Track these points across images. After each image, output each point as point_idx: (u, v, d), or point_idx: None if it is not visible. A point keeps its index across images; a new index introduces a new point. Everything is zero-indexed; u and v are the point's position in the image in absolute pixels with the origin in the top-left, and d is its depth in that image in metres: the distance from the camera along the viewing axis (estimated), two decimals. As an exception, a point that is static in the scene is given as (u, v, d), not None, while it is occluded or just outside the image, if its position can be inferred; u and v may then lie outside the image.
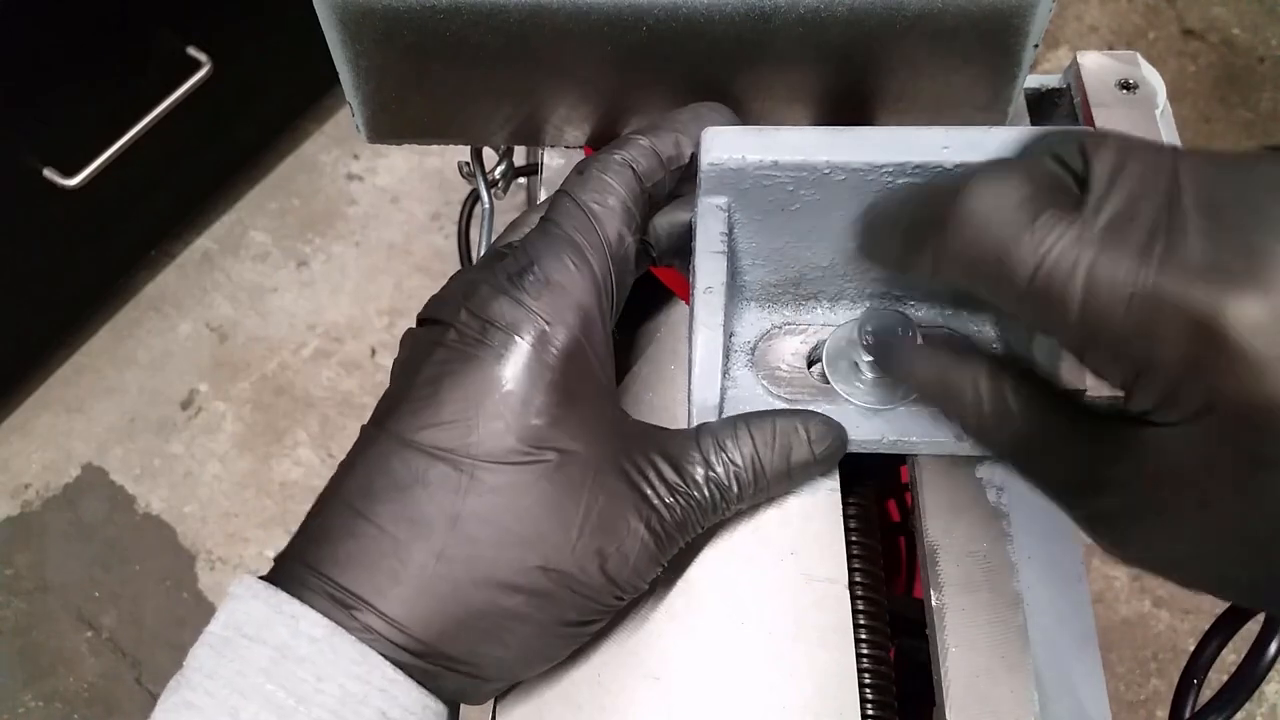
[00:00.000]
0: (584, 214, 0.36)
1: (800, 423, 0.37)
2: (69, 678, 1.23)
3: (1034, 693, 0.35)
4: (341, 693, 0.30)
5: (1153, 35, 1.66)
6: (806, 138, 0.36)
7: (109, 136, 1.19)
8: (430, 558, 0.32)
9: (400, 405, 0.34)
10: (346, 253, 1.49)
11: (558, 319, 0.34)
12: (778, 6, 0.37)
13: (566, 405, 0.34)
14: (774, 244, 0.39)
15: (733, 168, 0.36)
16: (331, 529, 0.33)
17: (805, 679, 0.36)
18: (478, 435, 0.33)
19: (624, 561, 0.33)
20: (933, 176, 0.36)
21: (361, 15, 0.37)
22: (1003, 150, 0.35)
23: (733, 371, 0.40)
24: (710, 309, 0.38)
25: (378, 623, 0.31)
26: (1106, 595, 1.25)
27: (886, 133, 0.36)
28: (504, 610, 0.32)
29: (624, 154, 0.37)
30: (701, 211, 0.37)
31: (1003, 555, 0.38)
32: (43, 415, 1.38)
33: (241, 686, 0.30)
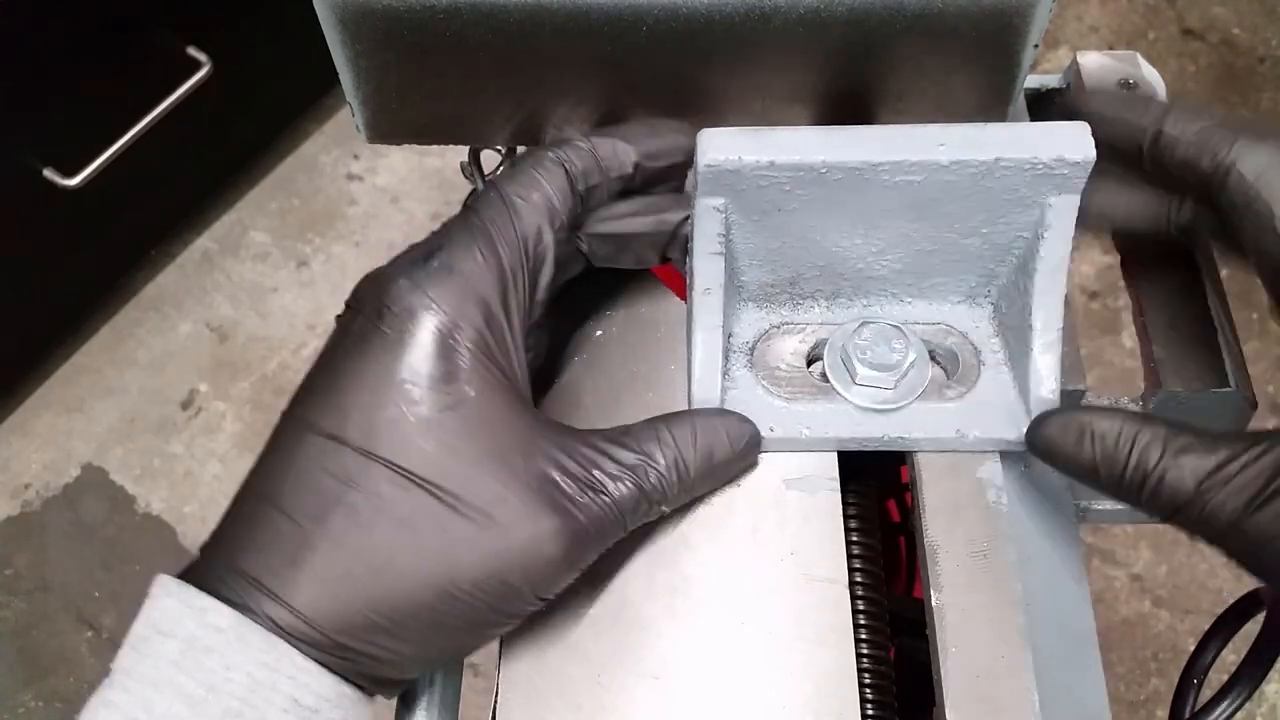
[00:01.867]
0: (503, 205, 0.35)
1: (719, 421, 0.37)
2: (69, 678, 1.23)
3: (1034, 693, 0.35)
4: (250, 681, 0.30)
5: (1153, 35, 1.66)
6: (802, 137, 0.36)
7: (109, 136, 1.19)
8: (328, 545, 0.31)
9: (307, 393, 0.34)
10: (346, 253, 1.49)
11: (456, 309, 0.33)
12: (778, 6, 0.37)
13: (468, 397, 0.33)
14: (771, 244, 0.39)
15: (729, 169, 0.36)
16: (240, 516, 0.33)
17: (805, 679, 0.36)
18: (371, 423, 0.32)
19: (528, 565, 0.32)
20: (929, 174, 0.36)
21: (361, 15, 0.37)
22: (1001, 149, 0.35)
23: (732, 372, 0.40)
24: (709, 310, 0.38)
25: (278, 610, 0.31)
26: (1106, 595, 1.25)
27: (882, 131, 0.36)
28: (399, 606, 0.32)
29: (559, 153, 0.37)
30: (699, 213, 0.38)
31: (1003, 555, 0.38)
32: (43, 415, 1.38)
33: (155, 680, 0.30)
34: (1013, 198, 0.37)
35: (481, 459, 0.33)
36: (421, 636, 0.32)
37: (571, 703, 0.36)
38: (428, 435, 0.32)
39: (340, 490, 0.32)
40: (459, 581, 0.32)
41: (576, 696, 0.36)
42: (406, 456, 0.32)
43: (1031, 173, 0.36)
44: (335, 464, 0.32)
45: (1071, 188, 0.37)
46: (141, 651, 0.31)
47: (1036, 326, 0.38)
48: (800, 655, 0.36)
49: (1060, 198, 0.37)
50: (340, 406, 0.33)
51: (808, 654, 0.36)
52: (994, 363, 0.40)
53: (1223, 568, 1.25)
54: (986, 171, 0.36)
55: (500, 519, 0.32)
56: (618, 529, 0.35)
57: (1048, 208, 0.37)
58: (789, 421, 0.39)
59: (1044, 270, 0.38)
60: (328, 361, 0.34)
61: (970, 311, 0.42)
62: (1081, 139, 0.36)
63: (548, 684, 0.36)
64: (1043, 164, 0.36)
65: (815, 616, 0.37)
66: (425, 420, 0.33)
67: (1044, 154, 0.36)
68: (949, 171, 0.36)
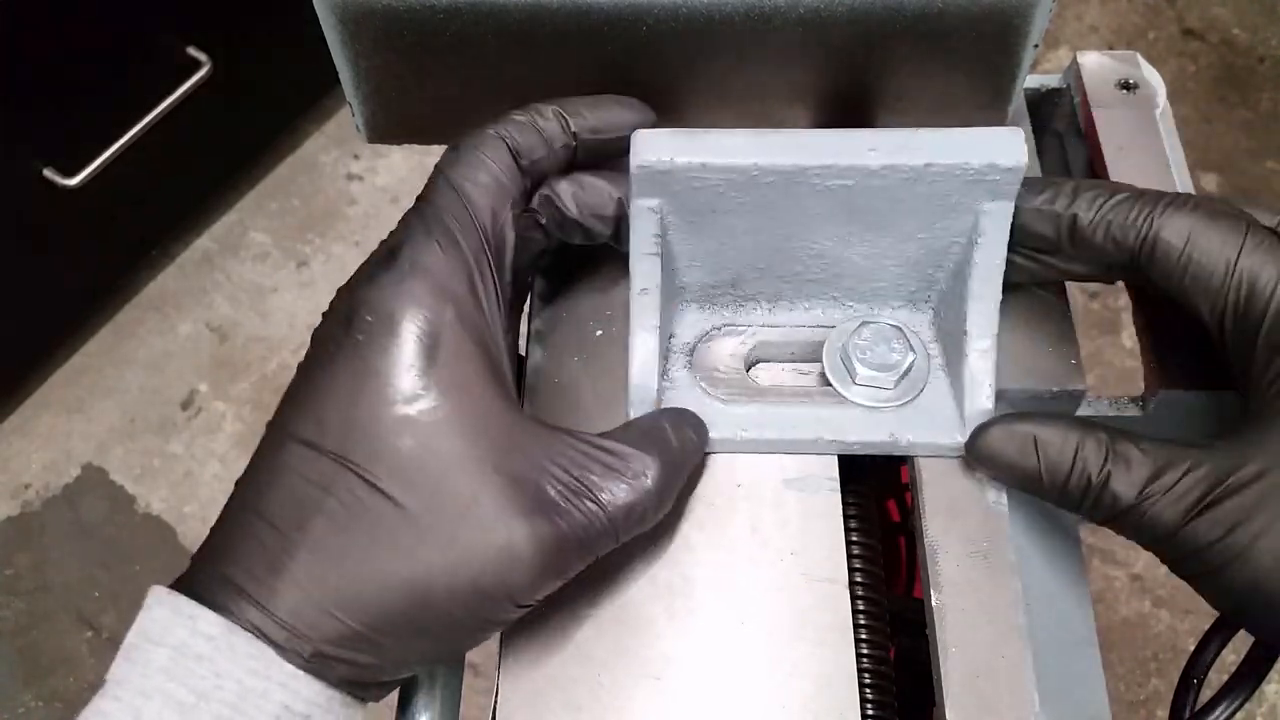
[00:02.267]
0: (454, 193, 0.35)
1: (681, 418, 0.37)
2: (69, 678, 1.23)
3: (1034, 693, 0.35)
4: (240, 688, 0.30)
5: (1153, 35, 1.66)
6: (734, 140, 0.36)
7: (109, 136, 1.19)
8: (307, 552, 0.31)
9: (285, 400, 0.34)
10: (346, 253, 1.49)
11: (425, 305, 0.33)
12: (778, 6, 0.37)
13: (444, 397, 0.32)
14: (708, 245, 0.39)
15: (661, 170, 0.36)
16: (226, 524, 0.33)
17: (805, 679, 0.36)
18: (346, 428, 0.32)
19: (503, 572, 0.32)
20: (860, 179, 0.36)
21: (361, 15, 0.37)
22: (932, 154, 0.35)
23: (671, 372, 0.40)
24: (646, 310, 0.38)
25: (262, 618, 0.31)
26: (1106, 595, 1.25)
27: (814, 136, 0.36)
28: (376, 613, 0.31)
29: (498, 129, 0.36)
30: (634, 213, 0.38)
31: (1003, 555, 0.38)
32: (43, 415, 1.38)
33: (145, 688, 0.30)
34: (945, 203, 0.37)
35: (457, 460, 0.32)
36: (401, 643, 0.32)
37: (571, 703, 0.36)
38: (402, 436, 0.32)
39: (319, 497, 0.32)
40: (434, 588, 0.31)
41: (576, 696, 0.36)
42: (380, 460, 0.32)
43: (963, 178, 0.36)
44: (313, 470, 0.32)
45: (1004, 194, 0.37)
46: (133, 660, 0.31)
47: (971, 332, 0.38)
48: (800, 655, 0.36)
49: (993, 203, 0.37)
50: (316, 413, 0.33)
51: (808, 654, 0.36)
52: (933, 368, 0.40)
53: (1223, 568, 1.25)
54: (917, 177, 0.36)
55: (474, 524, 0.32)
56: (608, 538, 0.34)
57: (981, 213, 0.37)
58: (726, 423, 0.39)
59: (978, 276, 0.38)
60: (305, 371, 0.34)
61: (912, 316, 0.41)
62: (1013, 144, 0.36)
63: (548, 684, 0.36)
64: (974, 169, 0.36)
65: (815, 616, 0.37)
66: (398, 421, 0.32)
67: (975, 160, 0.36)
68: (879, 176, 0.36)
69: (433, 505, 0.32)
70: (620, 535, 0.34)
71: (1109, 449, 0.34)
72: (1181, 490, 0.33)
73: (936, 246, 0.39)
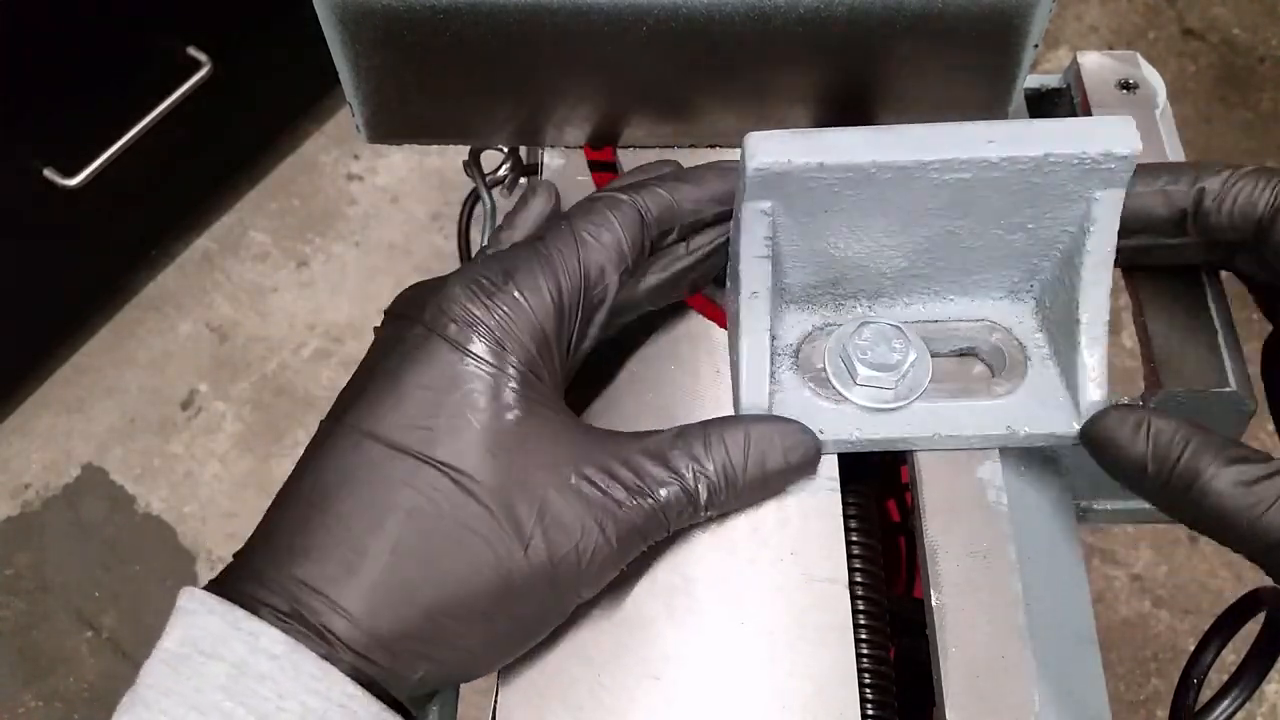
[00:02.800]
0: (573, 240, 0.36)
1: (774, 431, 0.37)
2: (69, 678, 1.23)
3: (1034, 693, 0.35)
4: (302, 709, 0.30)
5: (1153, 35, 1.66)
6: (851, 138, 0.36)
7: (109, 136, 1.19)
8: (385, 551, 0.32)
9: (360, 398, 0.34)
10: (346, 253, 1.49)
11: (517, 331, 0.34)
12: (778, 7, 0.37)
13: (523, 410, 0.34)
14: (816, 245, 0.39)
15: (778, 171, 0.36)
16: (288, 522, 0.33)
17: (805, 679, 0.36)
18: (435, 431, 0.33)
19: (577, 566, 0.33)
20: (978, 171, 0.36)
21: (361, 15, 0.37)
22: (1050, 144, 0.35)
23: (777, 375, 0.40)
24: (756, 314, 0.38)
25: (335, 620, 0.31)
26: (1106, 595, 1.25)
27: (930, 129, 0.36)
28: (454, 610, 0.32)
29: (636, 197, 0.37)
30: (745, 217, 0.37)
31: (1003, 555, 0.38)
32: (43, 415, 1.38)
33: (199, 704, 0.29)
34: (1059, 193, 0.37)
35: (534, 467, 0.33)
36: (476, 641, 0.33)
37: (571, 703, 0.36)
38: (486, 444, 0.33)
39: (399, 496, 0.32)
40: (513, 584, 0.32)
41: (576, 696, 0.36)
42: (464, 463, 0.33)
43: (1079, 167, 0.36)
44: (394, 470, 0.32)
45: (1117, 181, 0.37)
46: (180, 671, 0.30)
47: (1083, 321, 0.38)
48: (800, 655, 0.36)
49: (1106, 191, 0.37)
50: (401, 413, 0.33)
51: (808, 654, 0.36)
52: (1039, 358, 0.40)
53: (1223, 568, 1.25)
54: (1035, 167, 0.36)
55: (553, 522, 0.33)
56: (660, 530, 0.35)
57: (1094, 202, 0.37)
58: (838, 423, 0.39)
59: (1090, 264, 0.38)
60: (382, 368, 0.34)
61: (1013, 307, 0.41)
62: (1127, 132, 0.36)
63: (548, 684, 0.36)
64: (1090, 159, 0.36)
65: (815, 616, 0.37)
66: (483, 429, 0.33)
67: (1092, 149, 0.36)
68: (998, 168, 0.36)
69: (515, 509, 0.33)
70: (671, 527, 0.36)
71: (1220, 449, 0.34)
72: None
73: (1045, 236, 0.39)
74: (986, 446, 0.39)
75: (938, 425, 0.39)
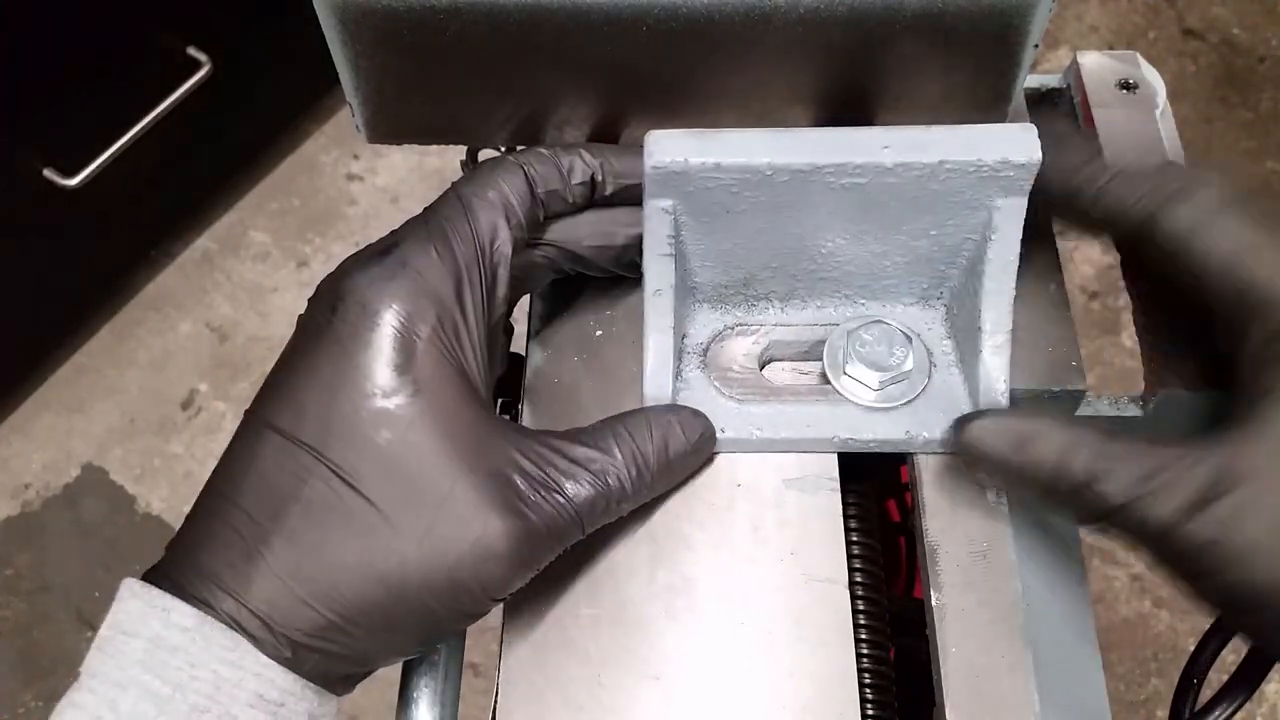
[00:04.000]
0: (459, 204, 0.36)
1: (671, 415, 0.37)
2: (69, 678, 1.22)
3: (1034, 693, 0.35)
4: (215, 678, 0.30)
5: (1153, 35, 1.66)
6: (748, 139, 0.36)
7: (109, 136, 1.19)
8: (283, 542, 0.32)
9: (265, 388, 0.34)
10: (346, 253, 1.46)
11: (410, 304, 0.34)
12: (777, 6, 0.37)
13: (421, 393, 0.33)
14: (722, 245, 0.39)
15: (676, 170, 0.36)
16: (201, 513, 0.33)
17: (805, 679, 0.36)
18: (326, 419, 0.33)
19: (478, 564, 0.32)
20: (874, 177, 0.36)
21: (361, 15, 0.37)
22: (946, 151, 0.35)
23: (685, 373, 0.40)
24: (660, 311, 0.38)
25: (236, 608, 0.31)
26: (1106, 595, 1.25)
27: (826, 134, 0.36)
28: (349, 604, 0.32)
29: (520, 157, 0.37)
30: (648, 214, 0.38)
31: (1003, 555, 0.38)
32: (43, 415, 1.38)
33: (120, 679, 0.30)
34: (959, 200, 0.37)
35: (433, 453, 0.33)
36: (375, 634, 0.32)
37: (571, 703, 0.36)
38: (379, 431, 0.33)
39: (295, 487, 0.32)
40: (409, 581, 0.32)
41: (576, 696, 0.36)
42: (357, 453, 0.32)
43: (977, 175, 0.36)
44: (291, 461, 0.32)
45: (1018, 190, 0.37)
46: (106, 652, 0.31)
47: (985, 328, 0.38)
48: (800, 655, 0.36)
49: (1007, 200, 0.37)
50: (296, 403, 0.33)
51: (808, 654, 0.36)
52: (945, 364, 0.40)
53: (1223, 568, 1.25)
54: (931, 174, 0.36)
55: (449, 517, 0.32)
56: (575, 529, 0.35)
57: (994, 210, 0.37)
58: (740, 422, 0.39)
59: (992, 272, 0.38)
60: (285, 359, 0.35)
61: (923, 313, 0.42)
62: (1026, 141, 0.36)
63: (548, 684, 0.36)
64: (988, 166, 0.36)
65: (815, 616, 0.37)
66: (377, 414, 0.33)
67: (988, 156, 0.36)
68: (893, 174, 0.36)
69: (408, 500, 0.32)
70: (586, 527, 0.35)
71: (1100, 447, 0.34)
72: (1175, 490, 0.33)
73: (949, 243, 0.39)
74: (884, 450, 0.39)
75: (836, 428, 0.39)
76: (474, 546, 0.32)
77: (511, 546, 0.33)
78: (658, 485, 0.37)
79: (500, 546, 0.32)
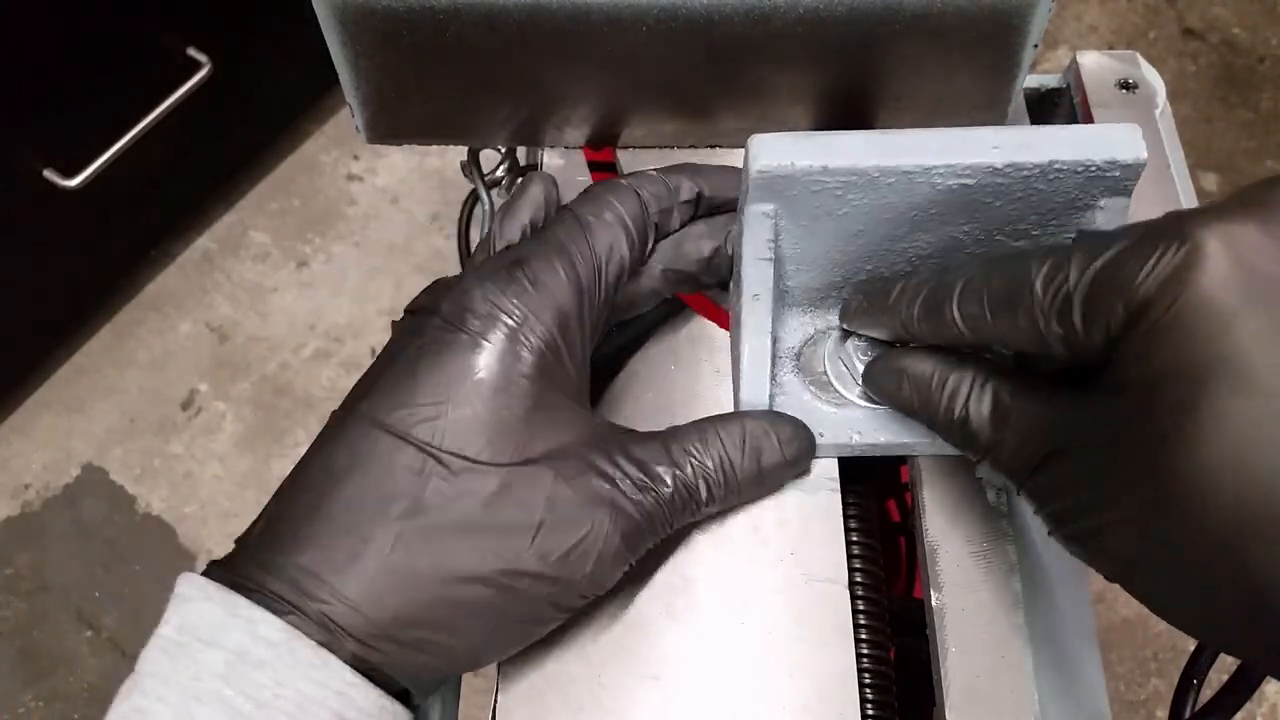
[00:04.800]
0: (577, 224, 0.37)
1: (769, 425, 0.37)
2: (69, 678, 1.23)
3: (1034, 693, 0.35)
4: (300, 697, 0.30)
5: (1153, 35, 1.66)
6: (855, 141, 0.36)
7: (109, 137, 1.19)
8: (389, 539, 0.32)
9: (373, 388, 0.34)
10: (347, 253, 1.49)
11: (537, 318, 0.35)
12: (777, 7, 0.37)
13: (537, 401, 0.34)
14: (819, 249, 0.39)
15: (781, 174, 0.36)
16: (294, 508, 0.33)
17: (805, 679, 0.36)
18: (446, 421, 0.33)
19: (585, 560, 0.33)
20: (982, 177, 0.36)
21: (361, 15, 0.37)
22: (1055, 151, 0.35)
23: (780, 378, 0.40)
24: (758, 316, 0.38)
25: (334, 605, 0.31)
26: (1106, 595, 1.25)
27: (934, 134, 0.36)
28: (459, 601, 0.32)
29: (630, 180, 0.38)
30: (748, 219, 0.37)
31: (1003, 555, 0.38)
32: (43, 415, 1.38)
33: (197, 691, 0.29)
34: (1064, 200, 0.37)
35: (547, 458, 0.34)
36: (478, 632, 0.33)
37: (571, 703, 0.36)
38: (496, 433, 0.33)
39: (406, 485, 0.32)
40: (521, 577, 0.32)
41: (576, 696, 0.36)
42: (470, 453, 0.33)
43: (1084, 175, 0.36)
44: (402, 460, 0.33)
45: (1122, 190, 0.36)
46: (178, 659, 0.30)
47: None
48: (800, 655, 0.36)
49: (1111, 199, 0.37)
50: (412, 404, 0.33)
51: (808, 654, 0.36)
52: None
53: (1223, 568, 1.25)
54: (1039, 174, 0.36)
55: (561, 515, 0.33)
56: (665, 527, 0.36)
57: (1098, 210, 0.37)
58: (838, 427, 0.39)
59: None
60: (398, 362, 0.35)
61: None
62: (1133, 141, 0.36)
63: (548, 684, 0.36)
64: (1096, 166, 0.36)
65: (815, 616, 0.37)
66: (496, 419, 0.33)
67: (1097, 156, 0.35)
68: (1001, 174, 0.36)
69: (523, 500, 0.33)
70: (674, 524, 0.36)
71: (974, 383, 0.33)
72: (1023, 443, 0.31)
73: (1048, 243, 0.38)
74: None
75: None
76: (584, 542, 0.33)
77: (618, 541, 0.34)
78: (747, 493, 0.38)
79: (609, 542, 0.34)
